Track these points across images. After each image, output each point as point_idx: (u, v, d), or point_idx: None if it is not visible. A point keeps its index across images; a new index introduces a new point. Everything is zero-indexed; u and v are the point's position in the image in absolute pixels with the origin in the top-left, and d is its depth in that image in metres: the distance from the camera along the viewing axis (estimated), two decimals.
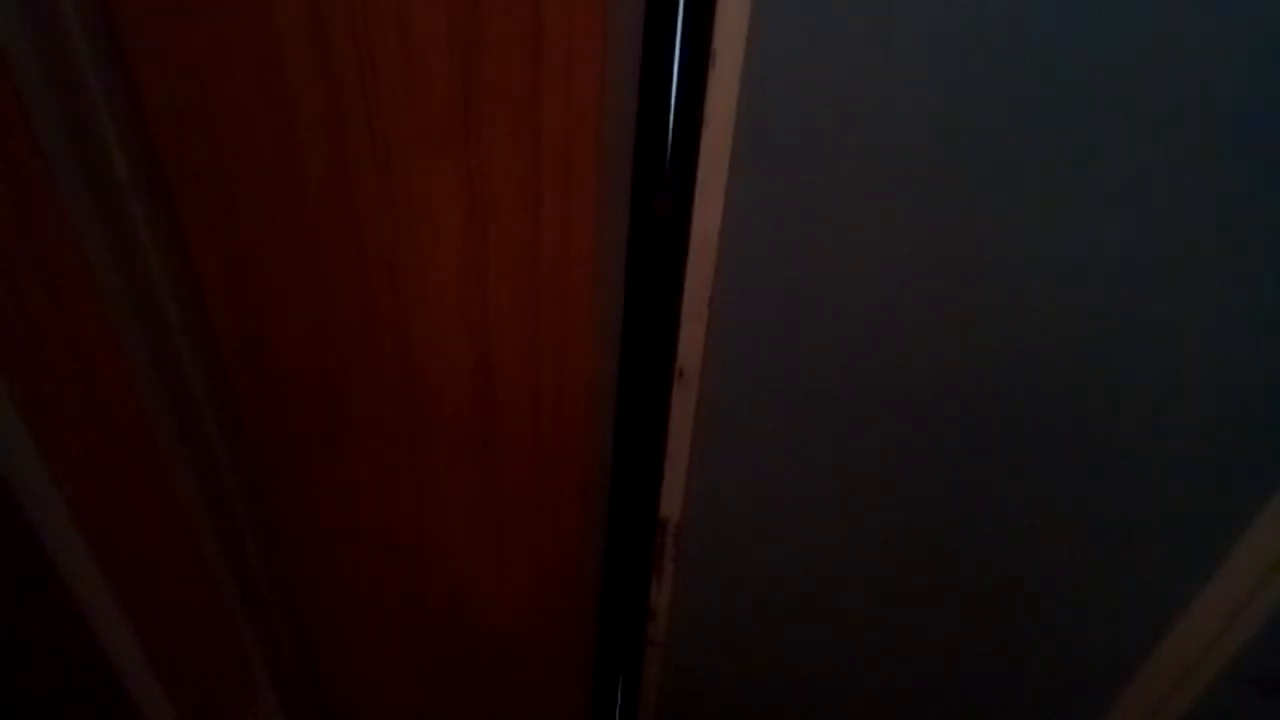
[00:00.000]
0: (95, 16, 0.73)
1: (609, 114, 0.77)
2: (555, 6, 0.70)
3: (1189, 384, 0.80)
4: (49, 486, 0.84)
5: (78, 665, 0.96)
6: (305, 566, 1.22)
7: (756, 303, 0.87)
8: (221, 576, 1.13)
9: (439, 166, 0.80)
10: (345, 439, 1.05)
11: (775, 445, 0.97)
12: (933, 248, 0.79)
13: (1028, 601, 1.02)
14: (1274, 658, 0.90)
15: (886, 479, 0.97)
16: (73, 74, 0.74)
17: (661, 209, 0.83)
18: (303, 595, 1.27)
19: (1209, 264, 0.73)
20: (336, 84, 0.76)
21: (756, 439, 0.97)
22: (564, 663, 1.32)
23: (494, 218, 0.84)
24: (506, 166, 0.80)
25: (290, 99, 0.78)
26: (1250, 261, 0.72)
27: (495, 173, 0.81)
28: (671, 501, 1.06)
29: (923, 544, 1.01)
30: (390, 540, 1.17)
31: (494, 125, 0.77)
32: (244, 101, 0.79)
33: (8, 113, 0.71)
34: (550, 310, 0.90)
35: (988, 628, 1.07)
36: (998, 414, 0.88)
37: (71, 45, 0.73)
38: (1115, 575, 0.95)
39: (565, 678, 1.35)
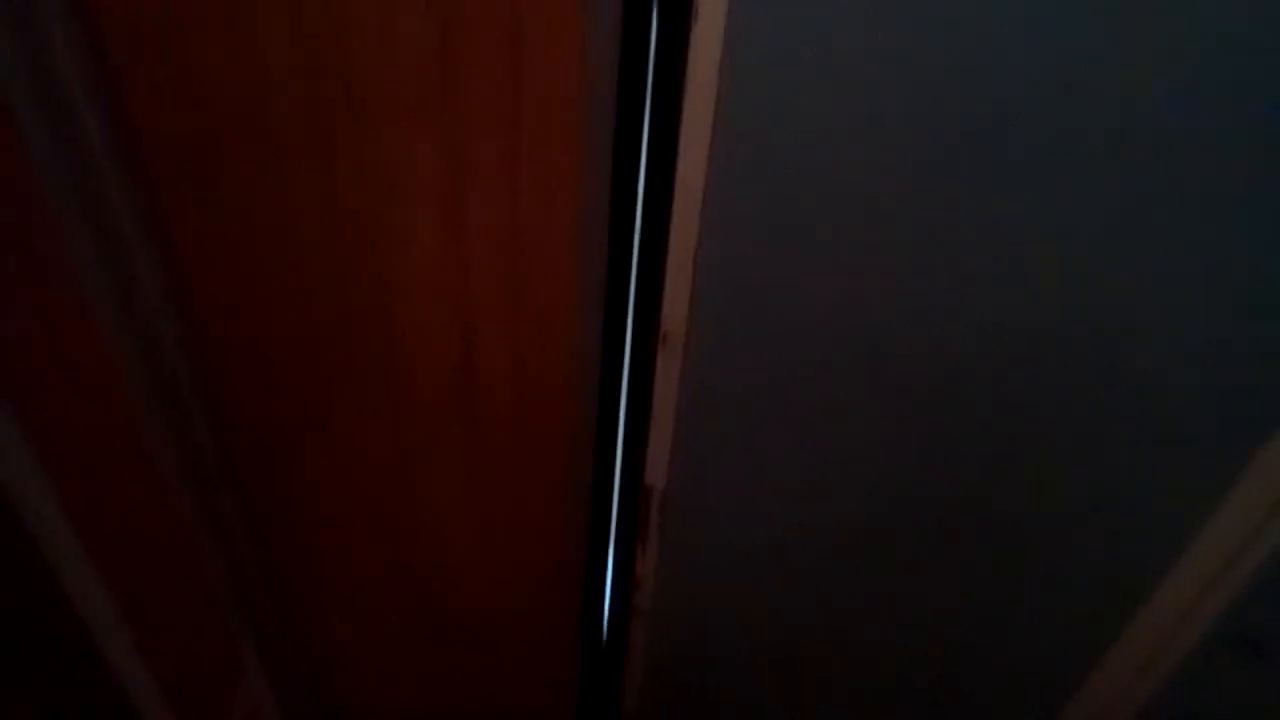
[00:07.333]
0: None
1: (590, 75, 0.75)
2: None
3: (1171, 351, 0.80)
4: (31, 469, 0.83)
5: (63, 648, 0.96)
6: (289, 543, 1.22)
7: (742, 267, 0.86)
8: (206, 555, 1.13)
9: (417, 128, 0.79)
10: (326, 413, 1.04)
11: (761, 412, 0.97)
12: (923, 209, 0.78)
13: (1012, 565, 1.02)
14: (1256, 620, 0.91)
15: (873, 447, 0.97)
16: (39, 40, 0.71)
17: None
18: (288, 572, 1.26)
19: (1191, 243, 0.73)
20: (309, 37, 0.74)
21: (743, 405, 0.97)
22: (550, 632, 1.32)
23: (473, 182, 0.82)
24: (486, 130, 0.78)
25: (263, 59, 0.76)
26: (1233, 240, 0.72)
27: (474, 136, 0.79)
28: (656, 469, 1.05)
29: (908, 511, 1.02)
30: (373, 514, 1.16)
31: (472, 86, 0.76)
32: (214, 63, 0.76)
33: None
34: (532, 277, 0.89)
35: (971, 595, 1.07)
36: (984, 383, 0.88)
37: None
38: (1098, 539, 0.96)
39: (551, 647, 1.35)
